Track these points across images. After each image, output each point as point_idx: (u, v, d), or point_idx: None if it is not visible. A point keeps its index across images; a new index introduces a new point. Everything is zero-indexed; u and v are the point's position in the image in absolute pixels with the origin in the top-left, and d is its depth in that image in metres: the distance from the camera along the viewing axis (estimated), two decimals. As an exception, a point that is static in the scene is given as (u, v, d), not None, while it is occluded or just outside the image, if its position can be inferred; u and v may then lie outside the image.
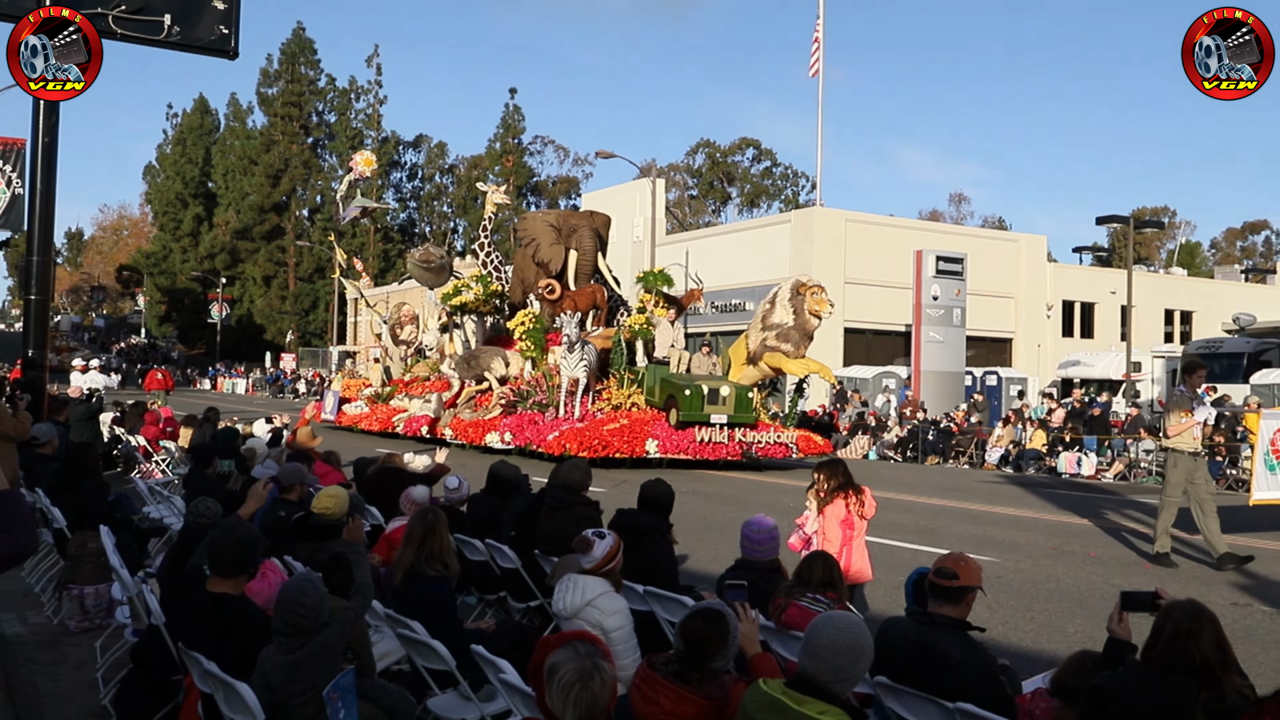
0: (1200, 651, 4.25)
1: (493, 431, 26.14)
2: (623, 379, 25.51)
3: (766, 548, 6.88)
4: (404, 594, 6.36)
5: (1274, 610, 10.70)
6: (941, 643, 5.00)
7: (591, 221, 30.15)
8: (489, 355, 29.05)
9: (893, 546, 13.69)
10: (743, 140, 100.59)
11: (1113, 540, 15.56)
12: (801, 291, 24.83)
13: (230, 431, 14.13)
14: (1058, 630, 9.58)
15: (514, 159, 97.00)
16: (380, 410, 32.81)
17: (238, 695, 4.86)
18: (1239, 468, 26.40)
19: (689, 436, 23.61)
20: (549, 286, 28.18)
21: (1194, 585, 11.79)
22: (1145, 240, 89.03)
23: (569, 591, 5.85)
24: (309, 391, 69.13)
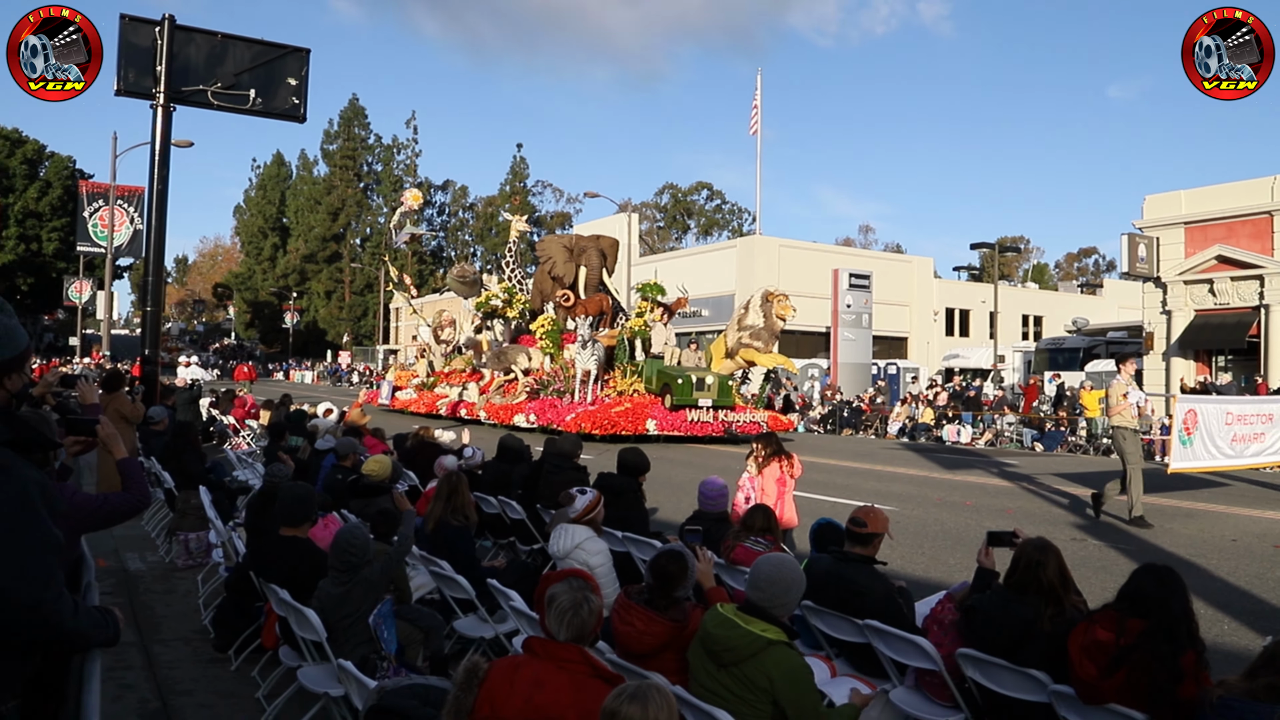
0: (1047, 577, 4.28)
1: (519, 413, 25.62)
2: (626, 371, 24.97)
3: (718, 502, 6.88)
4: (434, 539, 6.34)
5: (1102, 544, 10.80)
6: (853, 575, 5.03)
7: (598, 244, 29.60)
8: (515, 351, 28.55)
9: (816, 499, 13.72)
10: (699, 183, 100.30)
11: (984, 492, 15.65)
12: (770, 299, 24.40)
13: (300, 413, 14.01)
14: (941, 562, 9.63)
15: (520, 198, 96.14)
16: (426, 396, 32.34)
17: (305, 618, 4.83)
18: (1076, 435, 26.62)
19: (681, 417, 23.14)
20: (565, 296, 27.65)
21: (1043, 525, 11.86)
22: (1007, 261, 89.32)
23: (561, 537, 5.85)
24: (361, 381, 68.69)
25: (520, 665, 3.35)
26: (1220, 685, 3.53)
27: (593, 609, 3.44)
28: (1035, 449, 26.07)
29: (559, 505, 6.48)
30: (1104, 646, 3.88)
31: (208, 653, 6.41)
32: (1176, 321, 29.41)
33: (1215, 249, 28.45)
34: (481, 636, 5.79)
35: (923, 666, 4.57)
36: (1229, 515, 13.36)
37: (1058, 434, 26.51)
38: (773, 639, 3.78)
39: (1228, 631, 7.25)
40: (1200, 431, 13.19)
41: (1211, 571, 9.41)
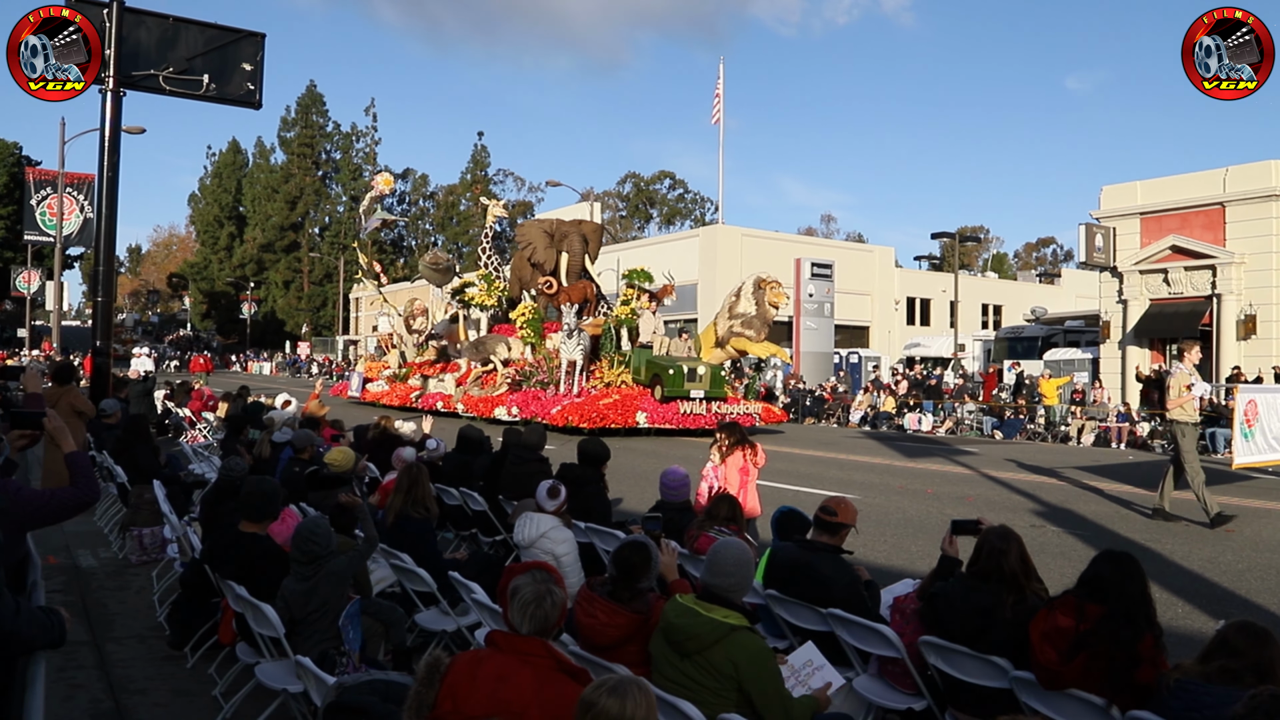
0: (1009, 565, 4.31)
1: (501, 406, 24.46)
2: (613, 361, 23.85)
3: (680, 491, 6.88)
4: (395, 532, 6.27)
5: (1060, 530, 10.96)
6: (818, 563, 5.03)
7: (580, 229, 28.38)
8: (494, 341, 27.50)
9: (779, 488, 13.78)
10: (661, 172, 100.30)
11: (945, 480, 15.81)
12: (763, 286, 23.52)
13: (257, 405, 13.82)
14: (904, 550, 9.70)
15: (481, 187, 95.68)
16: (399, 388, 31.00)
17: (263, 614, 4.76)
18: (1035, 423, 26.99)
19: (673, 409, 22.19)
20: (548, 283, 26.46)
21: (1002, 512, 12.01)
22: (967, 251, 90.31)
23: (526, 526, 5.82)
24: (321, 372, 67.98)
25: (483, 659, 3.31)
26: (1176, 669, 3.58)
27: (556, 602, 3.42)
28: (995, 437, 26.39)
29: (522, 496, 6.44)
30: (1064, 632, 3.92)
31: (163, 650, 6.30)
32: (1132, 310, 29.88)
33: (1170, 239, 28.94)
34: (444, 630, 5.74)
35: (886, 654, 4.60)
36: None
37: (1017, 422, 26.86)
38: (735, 624, 3.79)
39: (1182, 615, 7.38)
40: (1260, 423, 12.36)
41: (1166, 556, 9.58)
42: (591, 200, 53.46)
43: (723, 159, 48.62)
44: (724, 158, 47.28)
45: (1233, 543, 10.39)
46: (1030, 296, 52.69)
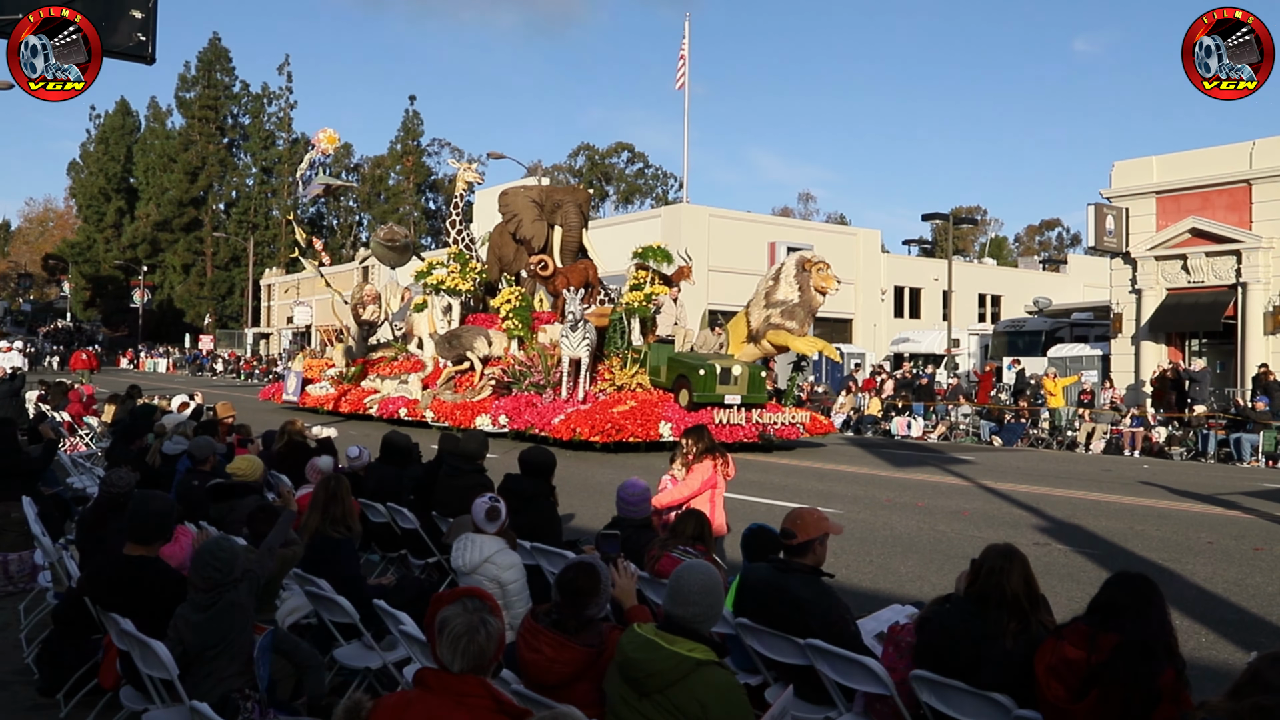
0: (1010, 586, 4.32)
1: (484, 414, 22.95)
2: (626, 359, 22.39)
3: (639, 507, 6.85)
4: (311, 554, 6.19)
5: (1068, 549, 11.08)
6: (795, 587, 5.03)
7: (575, 197, 27.15)
8: (471, 334, 25.94)
9: (751, 502, 13.81)
10: (619, 144, 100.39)
11: (937, 492, 15.94)
12: (807, 268, 22.20)
13: (148, 408, 13.56)
14: (891, 571, 9.75)
15: (414, 159, 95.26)
16: (350, 392, 29.46)
17: (153, 652, 4.65)
18: (1039, 428, 27.33)
19: (704, 419, 20.23)
20: (542, 262, 25.16)
21: (1002, 529, 12.14)
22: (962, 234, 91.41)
23: (468, 549, 5.76)
24: (226, 369, 67.23)
25: (411, 701, 3.26)
26: (1202, 706, 3.59)
27: (491, 633, 3.37)
28: (994, 443, 26.72)
29: (459, 512, 6.38)
30: (1074, 665, 3.93)
31: (30, 698, 6.13)
32: (1147, 301, 30.34)
33: (1189, 221, 29.41)
34: (367, 667, 5.68)
35: (872, 691, 4.59)
36: (1205, 516, 13.84)
37: (1018, 426, 27.20)
38: (702, 659, 3.73)
39: (1206, 645, 7.48)
40: None
41: (1187, 578, 9.72)
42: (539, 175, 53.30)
43: (688, 130, 48.77)
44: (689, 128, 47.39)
45: (1262, 562, 10.58)
46: (1033, 286, 53.41)
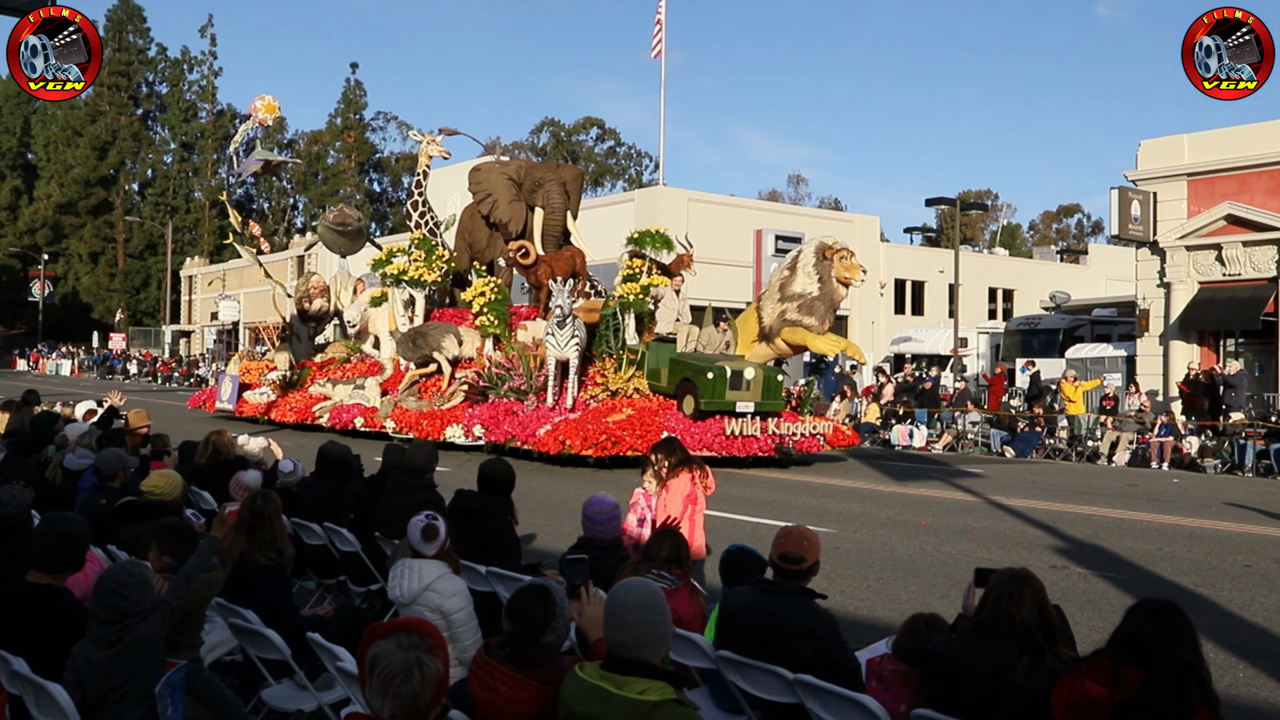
0: (1021, 616, 4.32)
1: (455, 424, 22.42)
2: (621, 360, 21.89)
3: (608, 526, 6.85)
4: (236, 582, 6.13)
5: (1088, 572, 11.16)
6: (785, 611, 5.02)
7: (559, 175, 26.68)
8: (438, 332, 25.25)
9: (734, 520, 13.82)
10: (586, 119, 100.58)
11: (943, 509, 16.01)
12: (829, 255, 21.71)
13: (48, 416, 13.40)
14: (891, 597, 9.78)
15: (355, 134, 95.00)
16: (296, 399, 28.53)
17: (49, 696, 4.57)
18: (1056, 438, 27.51)
19: (714, 429, 20.04)
20: (522, 249, 24.59)
21: (1016, 550, 12.21)
22: (970, 221, 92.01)
23: (405, 577, 5.72)
24: (141, 372, 66.67)
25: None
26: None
27: (428, 675, 3.34)
28: (1005, 454, 26.87)
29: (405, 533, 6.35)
30: (1095, 703, 3.94)
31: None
32: (1177, 296, 30.58)
33: (1224, 207, 29.66)
34: (300, 710, 5.65)
35: (870, 733, 4.59)
36: (1241, 535, 13.97)
37: (1032, 436, 27.36)
38: (656, 700, 3.66)
39: (1244, 680, 7.55)
40: None
41: (1223, 605, 9.82)
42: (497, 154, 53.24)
43: (664, 104, 48.78)
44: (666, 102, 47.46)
45: (1299, 586, 10.69)
46: (1049, 279, 53.77)
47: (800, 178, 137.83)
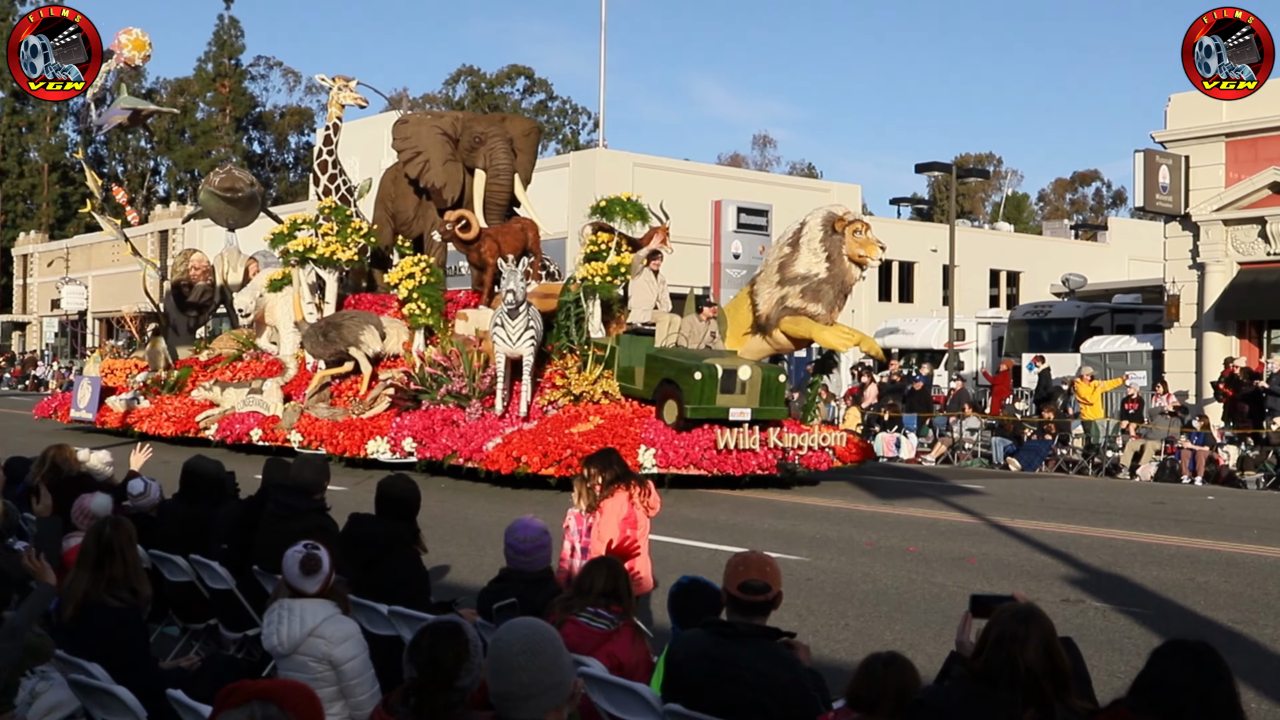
0: (1025, 660, 4.30)
1: (380, 436, 21.88)
2: (586, 358, 21.33)
3: (535, 556, 6.84)
4: (78, 629, 6.06)
5: (1107, 607, 11.27)
6: (747, 657, 5.02)
7: (505, 129, 26.39)
8: (355, 324, 24.47)
9: (689, 547, 13.84)
10: (512, 68, 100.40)
11: (935, 532, 16.13)
12: (839, 229, 21.36)
13: None
14: (875, 638, 9.82)
15: (231, 84, 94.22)
16: (175, 406, 27.72)
17: None
18: (1069, 447, 27.74)
19: (702, 441, 19.56)
20: (462, 221, 23.84)
21: (1021, 580, 12.29)
22: (969, 191, 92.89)
23: (284, 621, 5.69)
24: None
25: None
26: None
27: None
28: (1010, 467, 27.10)
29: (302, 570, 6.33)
30: (1114, 762, 3.98)
31: None
32: (1213, 280, 30.92)
33: (1269, 173, 30.03)
34: (157, 784, 5.57)
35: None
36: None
37: (1042, 445, 27.59)
38: None
39: (1284, 730, 7.68)
40: None
41: (1265, 645, 9.95)
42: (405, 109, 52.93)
43: (605, 50, 48.66)
44: (607, 48, 47.33)
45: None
46: (1062, 259, 54.32)
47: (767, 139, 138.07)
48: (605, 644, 5.58)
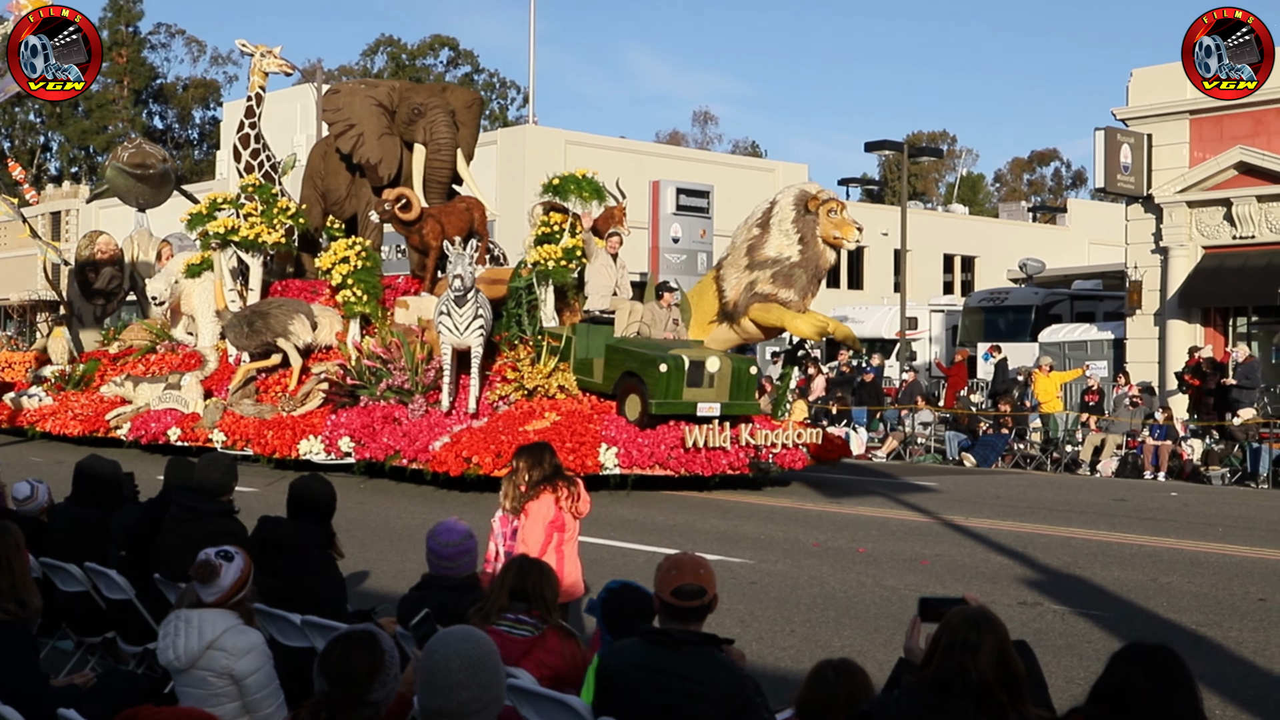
0: (978, 668, 4.30)
1: (313, 436, 21.58)
2: (540, 349, 21.05)
3: (459, 562, 6.80)
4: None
5: (1065, 609, 11.39)
6: (684, 666, 5.01)
7: (446, 100, 26.25)
8: (284, 313, 23.90)
9: (624, 549, 13.85)
10: (435, 39, 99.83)
11: (886, 532, 16.25)
12: (812, 208, 20.98)
13: None
14: (822, 645, 9.86)
15: (128, 53, 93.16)
16: (81, 403, 27.35)
17: None
18: (1027, 442, 27.97)
19: (668, 439, 19.42)
20: (402, 200, 23.26)
21: (977, 581, 12.40)
22: (921, 171, 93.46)
23: (181, 632, 5.65)
24: None
25: None
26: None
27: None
28: (965, 462, 27.30)
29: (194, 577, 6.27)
30: (1072, 773, 4.01)
31: None
32: (1176, 265, 31.26)
33: (1235, 152, 30.38)
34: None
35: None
36: (1256, 561, 14.36)
37: (998, 439, 27.79)
38: None
39: (1254, 740, 7.78)
40: None
41: (1230, 649, 10.05)
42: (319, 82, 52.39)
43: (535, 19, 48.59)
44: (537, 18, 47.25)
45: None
46: (1019, 243, 54.78)
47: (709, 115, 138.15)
48: (531, 652, 5.57)
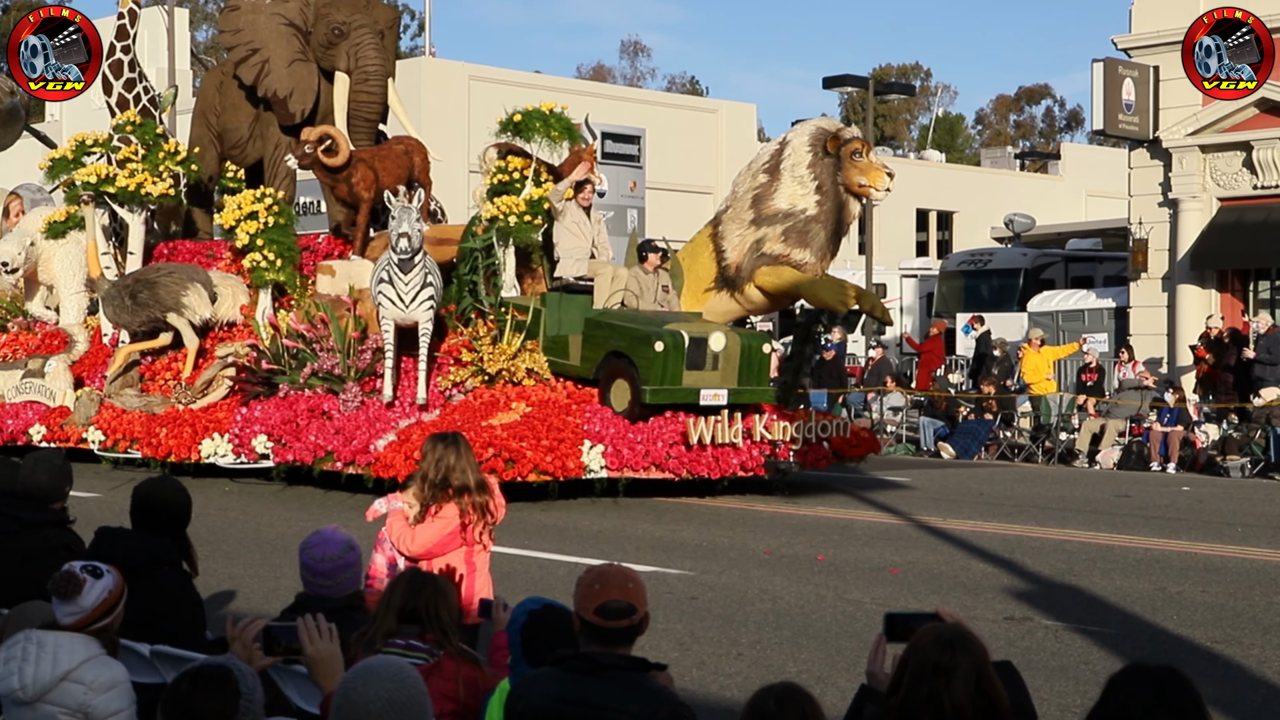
0: (951, 696, 4.28)
1: (219, 434, 20.71)
2: (502, 324, 20.42)
3: (338, 578, 6.73)
4: None
5: (1059, 625, 11.46)
6: (613, 697, 4.99)
7: (371, 16, 25.04)
8: (174, 282, 22.70)
9: (541, 560, 13.81)
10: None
11: (849, 536, 16.34)
12: (832, 149, 20.29)
13: None
14: (775, 669, 9.86)
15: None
16: None
17: None
18: (1014, 429, 28.11)
19: (667, 434, 18.93)
20: (325, 140, 22.20)
21: (955, 595, 12.45)
22: (891, 112, 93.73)
23: (31, 657, 5.56)
24: None
25: None
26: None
27: None
28: (942, 454, 27.47)
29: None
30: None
31: None
32: (1188, 219, 31.41)
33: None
34: None
35: None
36: (1273, 565, 14.49)
37: (980, 426, 27.96)
38: None
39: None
40: None
41: (1250, 668, 10.13)
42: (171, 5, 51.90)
43: (432, -74, 48.21)
44: (435, -77, 46.91)
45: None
46: (1005, 196, 55.08)
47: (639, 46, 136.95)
48: (428, 683, 5.53)
